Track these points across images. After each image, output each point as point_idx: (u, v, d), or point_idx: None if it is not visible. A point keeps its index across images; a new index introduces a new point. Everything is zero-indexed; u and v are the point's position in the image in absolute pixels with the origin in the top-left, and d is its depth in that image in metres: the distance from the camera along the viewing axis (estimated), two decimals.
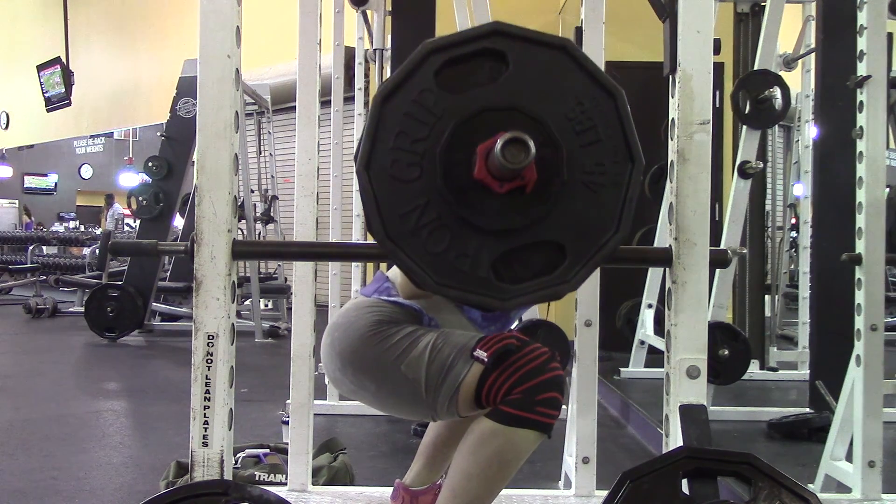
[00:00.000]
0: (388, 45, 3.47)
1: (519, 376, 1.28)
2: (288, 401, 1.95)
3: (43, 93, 8.43)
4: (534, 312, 3.25)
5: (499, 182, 1.05)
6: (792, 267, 5.25)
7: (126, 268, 6.37)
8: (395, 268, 1.52)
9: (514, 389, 1.28)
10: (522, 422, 1.27)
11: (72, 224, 14.08)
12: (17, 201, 17.35)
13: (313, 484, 1.91)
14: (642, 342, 4.18)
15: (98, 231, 10.94)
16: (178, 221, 6.90)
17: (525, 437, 1.28)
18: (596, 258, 1.09)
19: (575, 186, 1.09)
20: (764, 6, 3.31)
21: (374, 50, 3.81)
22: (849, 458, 2.00)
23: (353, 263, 3.71)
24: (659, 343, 3.82)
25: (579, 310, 1.90)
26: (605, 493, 1.02)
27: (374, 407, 1.51)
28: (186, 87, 5.99)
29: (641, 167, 1.10)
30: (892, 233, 1.97)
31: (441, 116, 1.07)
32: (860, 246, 1.92)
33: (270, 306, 7.23)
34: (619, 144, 1.10)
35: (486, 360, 1.31)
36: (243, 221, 6.11)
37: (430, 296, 1.45)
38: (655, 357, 3.97)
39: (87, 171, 18.19)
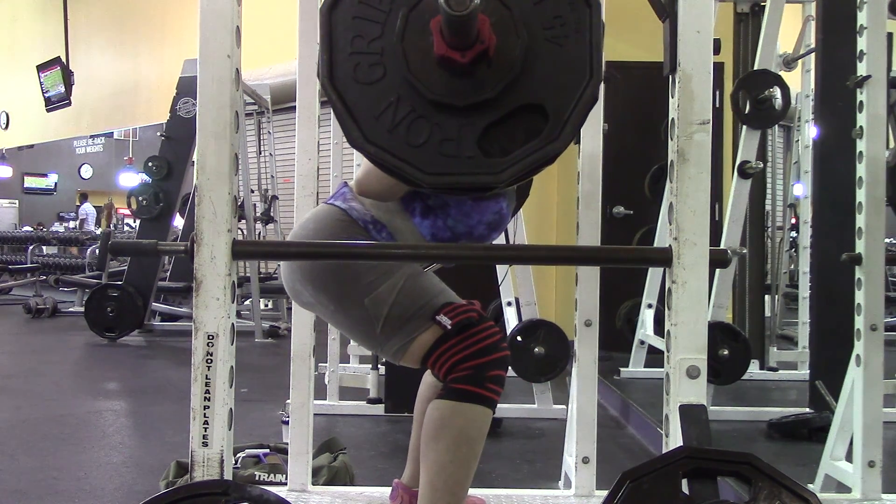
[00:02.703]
0: None
1: (474, 350, 1.36)
2: (288, 401, 1.95)
3: (43, 93, 8.42)
4: (534, 312, 3.25)
5: (460, 52, 1.04)
6: (792, 267, 5.25)
7: (126, 268, 6.37)
8: (358, 173, 1.54)
9: (466, 363, 1.35)
10: (475, 397, 1.35)
11: (72, 224, 14.08)
12: (17, 201, 17.34)
13: (313, 484, 1.91)
14: (642, 342, 4.17)
15: (98, 231, 10.94)
16: (178, 221, 6.90)
17: (480, 412, 1.36)
18: (578, 109, 1.09)
19: (538, 45, 1.09)
20: (764, 6, 3.31)
21: None
22: (849, 458, 2.00)
23: None
24: (659, 343, 3.82)
25: (579, 310, 1.90)
26: (605, 493, 1.02)
27: (326, 320, 1.55)
28: (186, 87, 5.99)
29: (600, 9, 1.10)
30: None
31: (390, 11, 1.09)
32: (860, 246, 1.92)
33: (270, 306, 7.24)
34: None
35: (449, 326, 1.37)
36: (243, 221, 6.10)
37: (398, 193, 1.48)
38: (655, 357, 3.97)
39: (87, 171, 18.20)
